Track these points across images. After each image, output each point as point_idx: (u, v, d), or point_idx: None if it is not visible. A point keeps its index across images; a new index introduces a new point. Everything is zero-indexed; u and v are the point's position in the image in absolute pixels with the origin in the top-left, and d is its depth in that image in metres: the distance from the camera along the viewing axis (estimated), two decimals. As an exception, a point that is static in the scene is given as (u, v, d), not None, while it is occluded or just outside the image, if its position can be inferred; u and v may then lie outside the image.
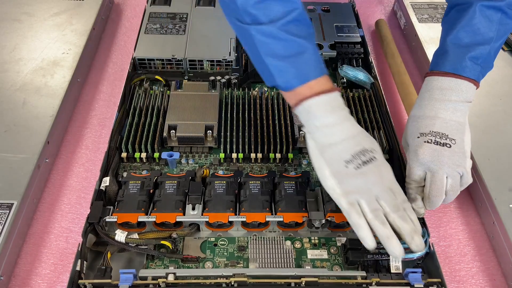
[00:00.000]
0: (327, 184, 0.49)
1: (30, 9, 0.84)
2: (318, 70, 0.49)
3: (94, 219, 0.53)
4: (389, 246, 0.46)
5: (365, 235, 0.46)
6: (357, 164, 0.48)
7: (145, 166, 0.64)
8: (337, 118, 0.48)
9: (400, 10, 0.93)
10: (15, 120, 0.65)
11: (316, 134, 0.49)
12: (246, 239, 0.56)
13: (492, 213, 0.57)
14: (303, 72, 0.48)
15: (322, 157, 0.49)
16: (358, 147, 0.48)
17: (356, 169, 0.47)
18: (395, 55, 0.80)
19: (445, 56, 0.53)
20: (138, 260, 0.54)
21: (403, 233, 0.47)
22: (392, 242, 0.46)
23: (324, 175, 0.49)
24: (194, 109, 0.68)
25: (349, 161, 0.48)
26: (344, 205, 0.47)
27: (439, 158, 0.50)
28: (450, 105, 0.52)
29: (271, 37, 0.47)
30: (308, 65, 0.48)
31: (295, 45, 0.47)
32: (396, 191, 0.49)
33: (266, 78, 0.50)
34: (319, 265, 0.54)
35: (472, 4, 0.52)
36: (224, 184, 0.58)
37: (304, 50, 0.48)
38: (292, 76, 0.48)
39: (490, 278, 0.55)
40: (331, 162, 0.48)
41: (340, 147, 0.48)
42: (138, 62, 0.77)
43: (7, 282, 0.52)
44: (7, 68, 0.73)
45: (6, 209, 0.54)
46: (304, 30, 0.48)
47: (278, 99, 0.72)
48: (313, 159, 0.50)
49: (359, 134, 0.49)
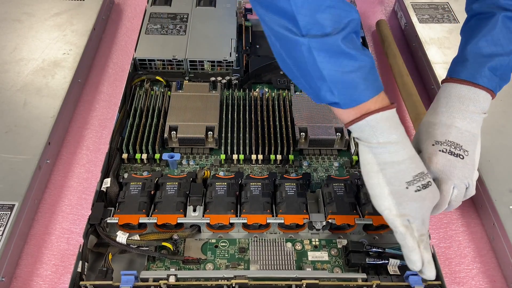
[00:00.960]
0: (384, 204, 0.46)
1: (31, 9, 0.84)
2: (379, 85, 0.46)
3: (95, 220, 0.54)
4: (428, 271, 0.46)
5: (417, 258, 0.46)
6: (417, 186, 0.46)
7: (146, 167, 0.64)
8: (400, 135, 0.46)
9: (401, 11, 0.93)
10: (16, 121, 0.65)
11: (378, 150, 0.46)
12: (247, 240, 0.56)
13: (492, 214, 0.57)
14: (367, 87, 0.44)
15: (382, 175, 0.46)
16: (419, 169, 0.46)
17: (416, 192, 0.46)
18: (396, 56, 0.79)
19: (465, 64, 0.52)
20: (139, 262, 0.54)
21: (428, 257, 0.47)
22: (432, 267, 0.46)
23: (382, 194, 0.46)
24: (195, 110, 0.68)
25: (410, 182, 0.46)
26: (400, 228, 0.46)
27: (451, 169, 0.49)
28: (468, 116, 0.51)
29: (333, 52, 0.42)
30: (369, 80, 0.45)
31: (356, 59, 0.43)
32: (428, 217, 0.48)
33: (321, 96, 0.45)
34: (319, 267, 0.54)
35: (495, 14, 0.51)
36: (225, 186, 0.58)
37: (365, 64, 0.44)
38: (356, 93, 0.44)
39: (490, 280, 0.55)
40: (392, 181, 0.46)
41: (403, 166, 0.46)
42: (138, 63, 0.77)
43: (8, 284, 0.53)
44: (7, 68, 0.73)
45: (7, 210, 0.54)
46: (359, 43, 0.45)
47: (279, 100, 0.72)
48: (370, 175, 0.47)
49: (416, 155, 0.47)
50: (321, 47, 0.42)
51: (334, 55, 0.43)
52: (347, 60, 0.43)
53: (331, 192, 0.57)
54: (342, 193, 0.57)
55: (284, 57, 0.45)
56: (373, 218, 0.54)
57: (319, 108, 0.68)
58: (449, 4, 0.90)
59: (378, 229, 0.56)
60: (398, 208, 0.46)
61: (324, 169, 0.65)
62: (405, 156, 0.46)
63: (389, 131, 0.45)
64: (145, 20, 0.83)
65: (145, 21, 0.82)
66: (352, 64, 0.43)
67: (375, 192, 0.47)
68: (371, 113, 0.45)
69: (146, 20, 0.83)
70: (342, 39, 0.42)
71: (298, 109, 0.68)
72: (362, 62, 0.44)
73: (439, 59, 0.78)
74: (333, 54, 0.43)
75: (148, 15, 0.83)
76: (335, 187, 0.57)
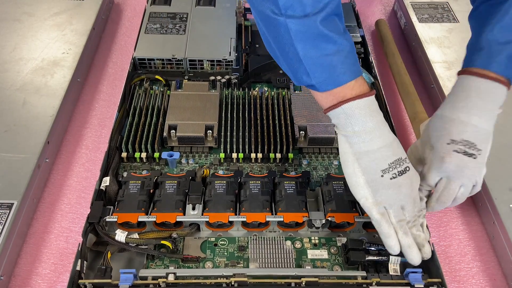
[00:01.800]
0: (360, 193, 0.47)
1: (30, 9, 0.84)
2: (356, 70, 0.45)
3: (94, 219, 0.53)
4: (410, 254, 0.47)
5: (393, 244, 0.47)
6: (393, 174, 0.46)
7: (145, 166, 0.64)
8: (376, 123, 0.46)
9: (400, 10, 0.93)
10: (15, 120, 0.65)
11: (353, 139, 0.46)
12: (246, 239, 0.56)
13: (492, 213, 0.57)
14: (342, 71, 0.44)
15: (358, 164, 0.46)
16: (395, 156, 0.47)
17: (391, 179, 0.46)
18: (395, 55, 0.80)
19: (480, 53, 0.50)
20: (138, 260, 0.54)
21: (417, 241, 0.48)
22: (413, 251, 0.47)
23: (358, 183, 0.47)
24: (194, 109, 0.68)
25: (385, 170, 0.46)
26: (376, 215, 0.47)
27: (462, 169, 0.48)
28: (485, 113, 0.49)
29: (310, 33, 0.42)
30: (347, 65, 0.44)
31: (335, 42, 0.43)
32: (417, 201, 0.48)
33: (298, 77, 0.46)
34: (319, 265, 0.54)
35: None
36: (224, 184, 0.58)
37: (344, 48, 0.44)
38: (330, 76, 0.44)
39: (490, 278, 0.55)
40: (367, 170, 0.46)
41: (378, 155, 0.46)
42: (138, 62, 0.77)
43: (7, 282, 0.52)
44: (7, 68, 0.73)
45: (6, 209, 0.54)
46: (340, 26, 0.45)
47: (278, 99, 0.72)
48: (346, 164, 0.48)
49: (394, 142, 0.47)
50: (299, 28, 0.42)
51: (311, 36, 0.43)
52: (325, 43, 0.43)
53: (330, 190, 0.57)
54: (342, 191, 0.57)
55: (267, 37, 0.46)
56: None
57: (318, 107, 0.68)
58: (448, 3, 0.90)
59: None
60: (374, 196, 0.46)
61: (324, 167, 0.65)
62: (381, 144, 0.46)
63: (364, 120, 0.45)
64: (145, 20, 0.83)
65: (145, 20, 0.83)
66: (329, 47, 0.43)
67: (351, 181, 0.48)
68: (347, 101, 0.45)
69: (145, 20, 0.83)
70: (321, 21, 0.42)
71: (298, 107, 0.68)
72: (340, 45, 0.44)
73: (439, 59, 0.78)
74: (310, 36, 0.43)
75: (148, 15, 0.83)
76: (334, 185, 0.57)
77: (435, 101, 0.75)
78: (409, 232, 0.47)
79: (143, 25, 0.82)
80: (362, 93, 0.45)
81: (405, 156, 0.48)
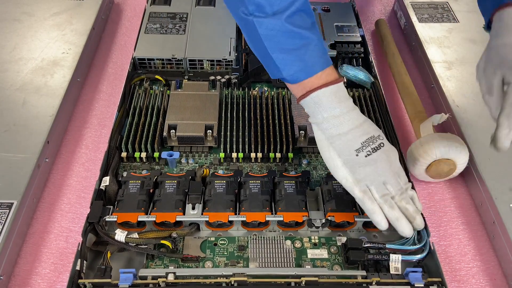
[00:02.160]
0: (339, 174, 0.50)
1: (30, 9, 0.84)
2: (324, 61, 0.49)
3: (94, 218, 0.53)
4: (399, 227, 0.50)
5: (379, 219, 0.49)
6: (367, 151, 0.49)
7: (145, 165, 0.64)
8: (344, 108, 0.49)
9: (400, 10, 0.93)
10: (15, 120, 0.65)
11: (324, 125, 0.50)
12: (246, 238, 0.56)
13: (492, 212, 0.57)
14: (310, 64, 0.48)
15: (333, 148, 0.50)
16: (367, 135, 0.50)
17: (367, 157, 0.49)
18: (395, 55, 0.79)
19: None
20: (138, 260, 0.54)
21: (407, 214, 0.50)
22: (402, 223, 0.49)
23: (336, 165, 0.50)
24: (194, 109, 0.68)
25: (359, 149, 0.49)
26: (357, 194, 0.49)
27: None
28: None
29: (276, 30, 0.47)
30: (314, 57, 0.48)
31: (301, 37, 0.47)
32: (400, 174, 0.51)
33: (271, 72, 0.51)
34: (319, 265, 0.54)
35: None
36: (224, 184, 0.58)
37: (310, 42, 0.48)
38: (299, 69, 0.48)
39: (490, 278, 0.55)
40: (341, 151, 0.49)
41: (350, 136, 0.49)
42: (138, 62, 0.77)
43: (7, 282, 0.52)
44: (7, 67, 0.73)
45: (6, 208, 0.54)
46: (308, 20, 0.48)
47: (278, 98, 0.72)
48: (323, 150, 0.51)
49: (365, 122, 0.51)
50: (266, 26, 0.46)
51: (278, 34, 0.46)
52: (291, 38, 0.47)
53: (330, 189, 0.57)
54: (342, 190, 0.57)
55: (246, 36, 0.51)
56: (372, 216, 0.54)
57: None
58: (448, 3, 0.90)
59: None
60: (353, 175, 0.49)
61: (324, 167, 0.65)
62: (351, 126, 0.49)
63: (332, 106, 0.49)
64: (145, 20, 0.83)
65: (145, 20, 0.83)
66: (296, 42, 0.47)
67: (330, 165, 0.51)
68: (314, 90, 0.48)
69: (145, 20, 0.83)
70: (286, 18, 0.46)
71: (298, 107, 0.68)
72: (307, 39, 0.47)
73: (439, 58, 0.77)
74: (277, 33, 0.46)
75: (148, 15, 0.84)
76: (334, 185, 0.57)
77: (435, 101, 0.75)
78: (396, 206, 0.49)
79: (143, 25, 0.82)
80: (328, 81, 0.48)
81: (378, 133, 0.51)
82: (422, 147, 0.59)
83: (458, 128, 0.66)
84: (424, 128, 0.62)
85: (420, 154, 0.59)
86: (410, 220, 0.50)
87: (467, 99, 0.70)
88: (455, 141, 0.60)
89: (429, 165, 0.60)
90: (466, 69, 0.75)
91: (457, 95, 0.70)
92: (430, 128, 0.62)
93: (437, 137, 0.59)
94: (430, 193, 0.64)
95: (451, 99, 0.70)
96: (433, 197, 0.63)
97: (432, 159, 0.60)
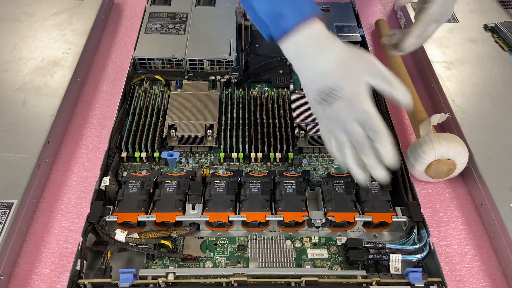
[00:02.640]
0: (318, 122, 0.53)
1: (30, 9, 0.84)
2: (306, 10, 0.49)
3: (94, 218, 0.53)
4: (355, 175, 0.51)
5: (340, 162, 0.52)
6: (324, 103, 0.49)
7: (145, 165, 0.64)
8: (317, 50, 0.49)
9: (400, 10, 0.93)
10: (15, 120, 0.65)
11: (298, 70, 0.51)
12: (246, 238, 0.56)
13: (492, 212, 0.57)
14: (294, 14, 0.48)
15: (307, 94, 0.51)
16: (327, 82, 0.48)
17: (326, 107, 0.49)
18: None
19: None
20: (138, 260, 0.54)
21: (367, 164, 0.49)
22: (354, 171, 0.50)
23: (312, 109, 0.52)
24: (194, 109, 0.68)
25: (319, 100, 0.49)
26: (325, 142, 0.53)
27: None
28: None
29: None
30: (297, 6, 0.49)
31: None
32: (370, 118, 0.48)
33: (263, 33, 0.52)
34: (319, 265, 0.54)
35: None
36: (224, 184, 0.58)
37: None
38: (284, 21, 0.49)
39: (490, 278, 0.55)
40: (310, 101, 0.51)
41: (312, 86, 0.50)
42: (138, 62, 0.77)
43: (7, 282, 0.52)
44: (7, 67, 0.73)
45: (6, 208, 0.54)
46: None
47: (278, 98, 0.72)
48: (307, 97, 0.52)
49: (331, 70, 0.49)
50: None
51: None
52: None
53: (330, 189, 0.57)
54: (342, 190, 0.57)
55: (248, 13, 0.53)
56: (372, 216, 0.54)
57: (318, 107, 0.68)
58: (448, 3, 0.90)
59: (378, 226, 0.56)
60: (320, 122, 0.52)
61: (324, 167, 0.65)
62: (314, 73, 0.49)
63: (306, 50, 0.49)
64: (145, 20, 0.83)
65: (145, 20, 0.83)
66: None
67: (312, 110, 0.53)
68: (292, 36, 0.49)
69: (145, 20, 0.83)
70: None
71: (298, 107, 0.68)
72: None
73: (439, 59, 0.77)
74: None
75: (148, 15, 0.84)
76: (334, 185, 0.57)
77: (435, 101, 0.75)
78: (352, 154, 0.50)
79: (143, 25, 0.82)
80: (307, 28, 0.49)
81: (340, 84, 0.48)
82: (421, 147, 0.60)
83: (458, 128, 0.66)
84: (424, 128, 0.62)
85: (420, 154, 0.59)
86: (371, 171, 0.49)
87: (467, 99, 0.70)
88: (455, 141, 0.60)
89: (428, 165, 0.60)
90: (466, 69, 0.75)
91: (457, 95, 0.71)
92: (430, 128, 0.62)
93: (437, 137, 0.59)
94: (430, 193, 0.64)
95: (451, 99, 0.70)
96: (433, 197, 0.63)
97: (432, 159, 0.60)
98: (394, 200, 0.58)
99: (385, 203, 0.56)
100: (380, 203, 0.56)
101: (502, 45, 0.80)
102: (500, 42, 0.80)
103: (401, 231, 0.57)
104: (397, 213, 0.56)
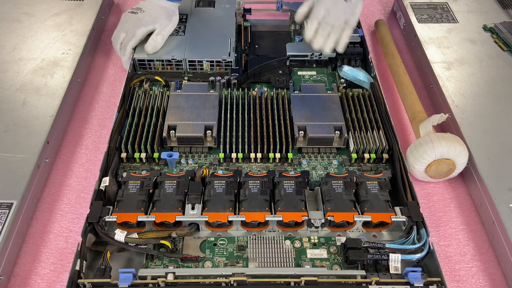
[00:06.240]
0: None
1: (30, 9, 0.85)
2: None
3: (94, 218, 0.53)
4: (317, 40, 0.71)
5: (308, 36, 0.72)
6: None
7: (144, 166, 0.64)
8: None
9: (400, 11, 0.93)
10: (15, 120, 0.65)
11: None
12: (246, 238, 0.56)
13: (492, 212, 0.57)
14: None
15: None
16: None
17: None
18: (394, 55, 0.80)
19: None
20: (138, 260, 0.54)
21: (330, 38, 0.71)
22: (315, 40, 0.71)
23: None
24: (193, 109, 0.68)
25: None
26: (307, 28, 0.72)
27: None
28: None
29: None
30: None
31: None
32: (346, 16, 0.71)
33: None
34: (318, 265, 0.54)
35: None
36: (224, 184, 0.58)
37: None
38: None
39: (490, 278, 0.55)
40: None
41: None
42: (138, 63, 0.77)
43: (7, 282, 0.52)
44: (7, 68, 0.73)
45: (6, 208, 0.54)
46: None
47: (278, 99, 0.72)
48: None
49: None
50: None
51: None
52: None
53: (329, 189, 0.57)
54: (341, 190, 0.57)
55: None
56: (372, 216, 0.54)
57: (317, 107, 0.68)
58: (448, 4, 0.90)
59: (377, 226, 0.56)
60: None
61: (323, 167, 0.65)
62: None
63: None
64: (144, 20, 0.83)
65: (144, 21, 0.82)
66: None
67: None
68: None
69: (145, 20, 0.83)
70: None
71: (297, 107, 0.68)
72: None
73: (438, 59, 0.78)
74: None
75: (147, 15, 0.83)
76: (333, 185, 0.57)
77: (434, 101, 0.75)
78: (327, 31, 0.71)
79: (142, 25, 0.82)
80: None
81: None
82: (421, 147, 0.60)
83: (457, 128, 0.66)
84: (424, 128, 0.62)
85: (420, 154, 0.60)
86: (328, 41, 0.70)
87: (467, 99, 0.70)
88: (455, 141, 0.60)
89: (428, 165, 0.60)
90: (465, 69, 0.75)
91: (457, 95, 0.71)
92: (430, 128, 0.62)
93: (437, 137, 0.59)
94: (430, 193, 0.64)
95: (450, 99, 0.70)
96: (433, 197, 0.64)
97: (432, 159, 0.60)
98: (393, 200, 0.58)
99: (385, 203, 0.56)
100: (380, 203, 0.56)
101: (501, 45, 0.80)
102: (499, 42, 0.80)
103: (400, 231, 0.57)
104: (396, 213, 0.56)
